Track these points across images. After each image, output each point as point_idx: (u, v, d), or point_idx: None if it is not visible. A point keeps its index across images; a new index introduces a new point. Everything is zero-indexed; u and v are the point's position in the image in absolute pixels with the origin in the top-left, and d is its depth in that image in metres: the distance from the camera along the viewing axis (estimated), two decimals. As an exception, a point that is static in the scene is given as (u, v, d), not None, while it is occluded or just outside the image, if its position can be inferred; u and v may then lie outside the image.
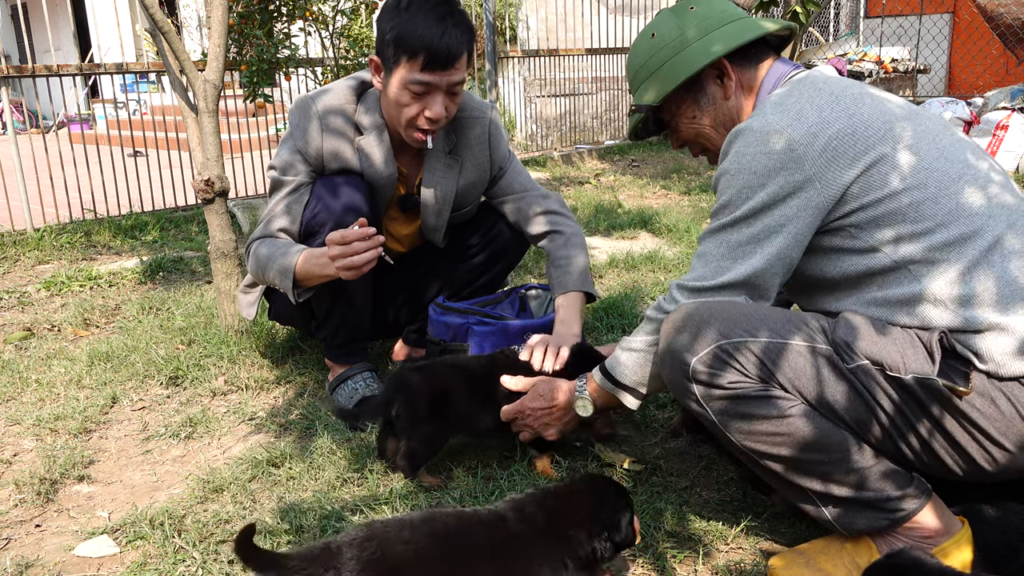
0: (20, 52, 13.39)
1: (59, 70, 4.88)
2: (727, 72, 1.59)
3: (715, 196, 1.53)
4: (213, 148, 2.67)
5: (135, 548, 1.65)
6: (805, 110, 1.42)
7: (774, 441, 1.39)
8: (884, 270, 1.40)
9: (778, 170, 1.40)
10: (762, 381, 1.38)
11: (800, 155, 1.39)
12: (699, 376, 1.40)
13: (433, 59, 1.96)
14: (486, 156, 2.34)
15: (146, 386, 2.50)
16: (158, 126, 7.99)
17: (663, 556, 1.56)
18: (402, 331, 2.57)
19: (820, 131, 1.39)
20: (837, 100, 1.43)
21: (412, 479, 1.82)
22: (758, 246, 1.44)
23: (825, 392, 1.36)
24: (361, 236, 1.87)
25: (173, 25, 2.66)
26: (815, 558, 1.45)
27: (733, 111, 1.62)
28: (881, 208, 1.38)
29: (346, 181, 2.17)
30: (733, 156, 1.46)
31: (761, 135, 1.42)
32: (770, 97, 1.52)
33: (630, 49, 1.73)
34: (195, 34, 10.61)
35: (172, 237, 4.78)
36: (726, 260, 1.47)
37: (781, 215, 1.42)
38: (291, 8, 4.66)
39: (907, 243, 1.37)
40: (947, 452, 1.34)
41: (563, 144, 8.52)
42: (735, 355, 1.38)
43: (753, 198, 1.43)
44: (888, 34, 9.00)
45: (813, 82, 1.49)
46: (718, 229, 1.49)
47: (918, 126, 1.44)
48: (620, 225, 4.61)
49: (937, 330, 1.34)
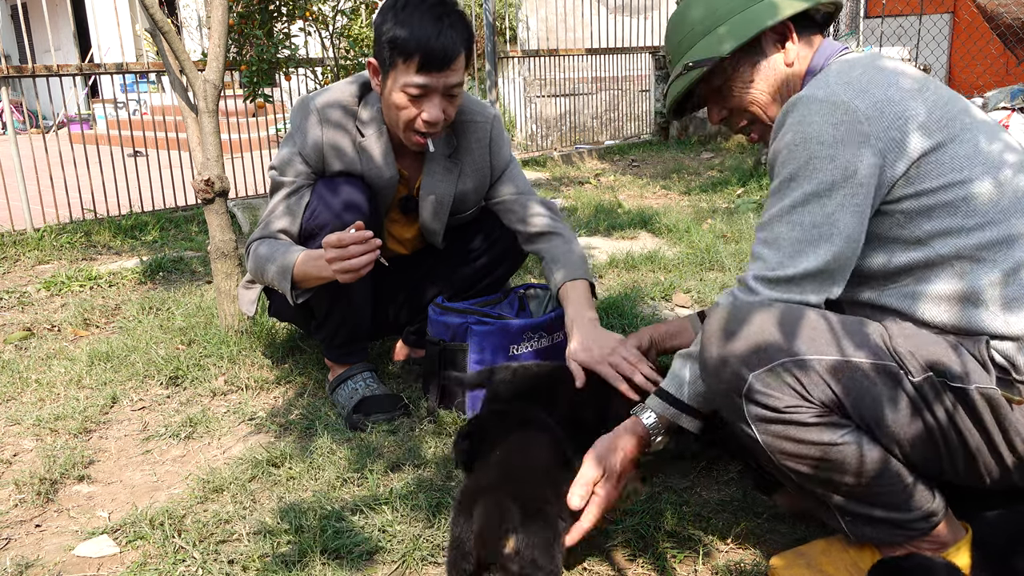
0: (20, 52, 13.39)
1: (59, 70, 4.88)
2: (791, 35, 1.51)
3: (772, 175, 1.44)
4: (213, 148, 2.67)
5: (135, 548, 1.65)
6: (869, 86, 1.35)
7: (817, 466, 1.32)
8: (928, 263, 1.35)
9: (847, 141, 1.32)
10: (823, 405, 1.29)
11: (867, 129, 1.32)
12: (755, 396, 1.30)
13: (429, 61, 1.94)
14: (486, 161, 2.32)
15: (146, 386, 2.50)
16: (158, 126, 7.99)
17: (663, 556, 1.56)
18: (402, 331, 2.57)
19: (886, 108, 1.33)
20: (900, 81, 1.37)
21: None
22: (834, 227, 1.34)
23: (886, 415, 1.28)
24: (358, 239, 1.86)
25: (173, 25, 2.66)
26: (816, 559, 1.45)
27: (792, 79, 1.53)
28: (934, 198, 1.33)
29: (347, 182, 2.16)
30: (795, 125, 1.36)
31: (827, 104, 1.33)
32: (829, 68, 1.44)
33: (680, 6, 1.61)
34: (195, 34, 10.61)
35: (172, 237, 4.78)
36: (803, 244, 1.36)
37: (853, 190, 1.33)
38: (291, 8, 4.66)
39: (955, 237, 1.32)
40: (984, 462, 1.30)
41: (563, 144, 8.52)
42: (799, 375, 1.28)
43: (823, 169, 1.33)
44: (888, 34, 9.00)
45: (872, 60, 1.43)
46: (789, 209, 1.38)
47: (975, 119, 1.39)
48: (620, 225, 4.61)
49: (983, 339, 1.29)
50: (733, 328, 1.33)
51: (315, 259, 1.97)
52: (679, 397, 1.51)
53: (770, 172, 1.45)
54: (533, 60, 8.19)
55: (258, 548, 1.60)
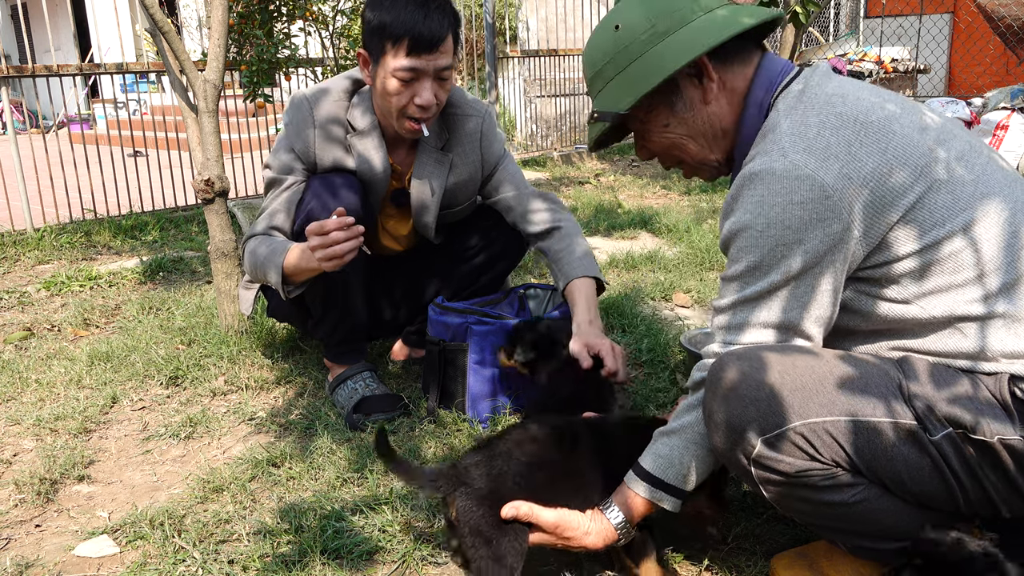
0: (20, 52, 13.38)
1: (59, 70, 4.88)
2: (707, 72, 1.35)
3: (727, 252, 1.32)
4: (213, 148, 2.67)
5: (135, 548, 1.65)
6: (832, 146, 1.22)
7: (827, 518, 1.29)
8: (923, 324, 1.26)
9: (816, 222, 1.20)
10: (835, 465, 1.22)
11: (836, 203, 1.20)
12: (764, 461, 1.24)
13: (417, 43, 1.96)
14: (478, 154, 2.33)
15: (146, 386, 2.50)
16: (158, 126, 7.98)
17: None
18: (401, 331, 2.57)
19: (853, 173, 1.20)
20: (865, 130, 1.23)
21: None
22: (806, 309, 1.26)
23: (903, 474, 1.22)
24: (339, 225, 1.85)
25: (173, 25, 2.66)
26: (818, 561, 1.44)
27: (714, 118, 1.39)
28: (921, 259, 1.22)
29: (339, 178, 2.17)
30: (755, 207, 1.24)
31: (788, 181, 1.21)
32: (781, 124, 1.28)
33: (588, 43, 1.46)
34: (195, 34, 10.61)
35: (172, 237, 4.78)
36: (777, 331, 1.28)
37: (822, 270, 1.23)
38: (291, 8, 4.65)
39: (945, 294, 1.23)
40: (1004, 501, 1.24)
41: (563, 144, 8.51)
42: (809, 438, 1.21)
43: (792, 256, 1.23)
44: (888, 34, 9.00)
45: (829, 103, 1.27)
46: (755, 297, 1.28)
47: (950, 151, 1.26)
48: (620, 225, 4.61)
49: (1004, 376, 1.20)
50: (741, 388, 1.24)
51: (303, 251, 1.98)
52: (663, 479, 1.38)
53: (724, 249, 1.33)
54: (533, 60, 8.19)
55: (258, 548, 1.60)
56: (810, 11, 3.43)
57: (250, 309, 2.42)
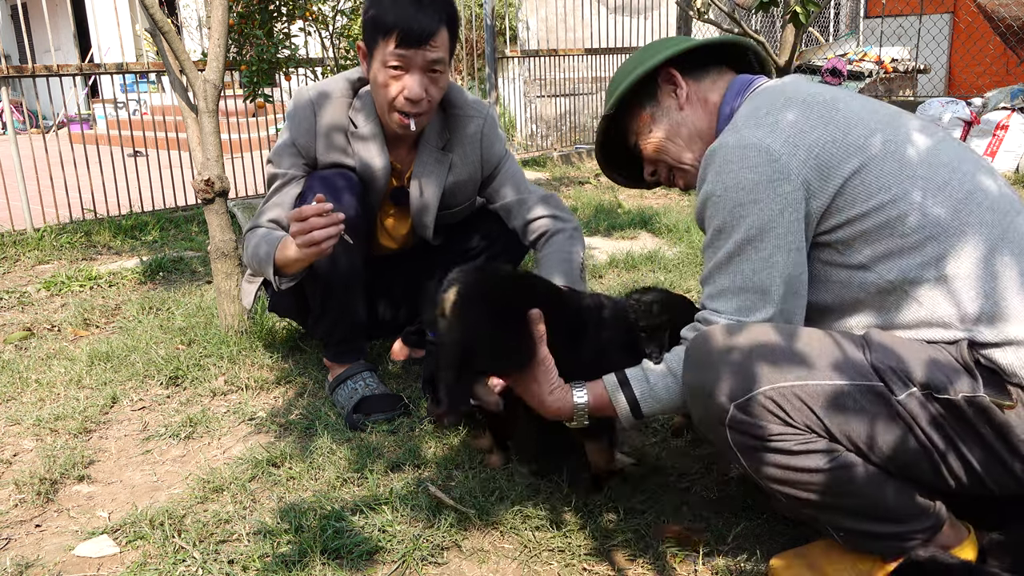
0: (20, 52, 13.39)
1: (59, 70, 4.88)
2: (677, 82, 1.59)
3: (704, 228, 1.44)
4: (213, 148, 2.67)
5: (135, 548, 1.65)
6: (779, 120, 1.37)
7: (808, 488, 1.31)
8: (881, 292, 1.33)
9: (767, 183, 1.33)
10: (809, 431, 1.27)
11: (784, 165, 1.32)
12: (739, 425, 1.29)
13: (407, 35, 1.98)
14: (478, 155, 2.33)
15: (146, 386, 2.50)
16: (158, 126, 7.98)
17: (663, 556, 1.56)
18: (401, 331, 2.57)
19: (799, 140, 1.34)
20: (810, 107, 1.38)
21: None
22: (773, 269, 1.35)
23: (876, 436, 1.26)
24: (317, 211, 1.85)
25: (173, 25, 2.66)
26: (817, 560, 1.44)
27: (689, 122, 1.58)
28: (869, 222, 1.31)
29: (339, 175, 2.18)
30: (714, 176, 1.38)
31: (739, 149, 1.36)
32: (739, 112, 1.47)
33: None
34: (195, 34, 10.61)
35: (172, 237, 4.78)
36: (749, 293, 1.37)
37: (784, 228, 1.33)
38: (291, 8, 4.65)
39: (900, 258, 1.31)
40: (987, 471, 1.27)
41: (563, 144, 8.51)
42: (779, 402, 1.26)
43: (749, 215, 1.34)
44: (888, 34, 9.00)
45: (780, 90, 1.44)
46: (725, 259, 1.39)
47: (898, 131, 1.37)
48: (620, 225, 4.61)
49: (964, 342, 1.27)
50: (715, 357, 1.31)
51: (288, 240, 1.99)
52: (633, 386, 1.48)
53: (699, 225, 1.47)
54: (533, 60, 8.19)
55: (258, 548, 1.60)
56: (810, 11, 3.43)
57: (250, 303, 2.46)
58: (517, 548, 1.61)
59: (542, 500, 1.76)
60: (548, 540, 1.62)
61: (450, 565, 1.58)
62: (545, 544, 1.61)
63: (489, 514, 1.70)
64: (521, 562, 1.57)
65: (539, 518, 1.69)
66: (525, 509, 1.72)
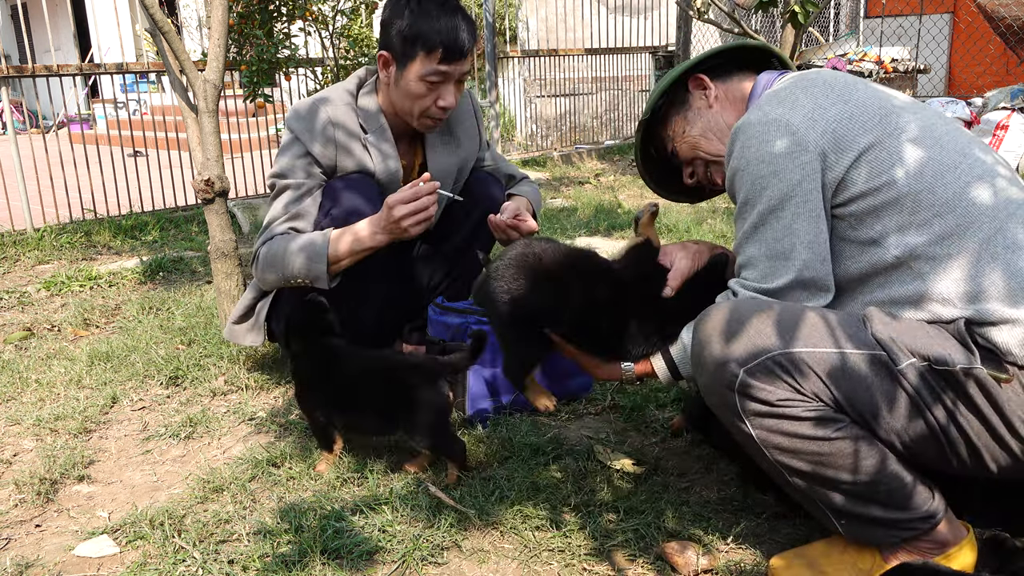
0: (20, 52, 13.39)
1: (59, 70, 4.88)
2: (706, 84, 1.70)
3: (734, 201, 1.52)
4: (213, 148, 2.67)
5: (135, 548, 1.65)
6: (800, 99, 1.44)
7: (812, 460, 1.32)
8: (887, 268, 1.37)
9: (786, 154, 1.40)
10: (817, 399, 1.30)
11: (803, 138, 1.40)
12: (747, 390, 1.31)
13: (451, 52, 2.10)
14: (475, 126, 2.49)
15: (146, 386, 2.50)
16: (158, 126, 7.98)
17: (663, 556, 1.56)
18: (400, 331, 2.57)
19: (818, 116, 1.41)
20: (830, 87, 1.46)
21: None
22: (795, 236, 1.41)
23: (880, 406, 1.29)
24: (430, 190, 2.01)
25: (173, 25, 2.66)
26: (817, 560, 1.45)
27: (720, 118, 1.69)
28: (880, 197, 1.36)
29: (359, 180, 2.22)
30: (739, 152, 1.47)
31: (761, 125, 1.44)
32: (763, 95, 1.56)
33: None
34: (195, 34, 10.61)
35: (172, 237, 4.78)
36: (773, 260, 1.43)
37: (803, 196, 1.40)
38: (291, 8, 4.66)
39: (907, 234, 1.35)
40: (987, 450, 1.29)
41: (563, 144, 8.52)
42: (790, 369, 1.30)
43: (770, 186, 1.42)
44: (888, 34, 9.00)
45: (804, 76, 1.53)
46: (751, 230, 1.47)
47: (915, 115, 1.43)
48: (620, 225, 4.61)
49: (960, 320, 1.30)
50: (724, 327, 1.36)
51: (360, 230, 2.06)
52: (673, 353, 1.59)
53: (731, 198, 1.55)
54: (533, 60, 8.19)
55: (258, 548, 1.60)
56: (809, 11, 3.43)
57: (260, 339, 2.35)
58: (517, 548, 1.61)
59: (542, 500, 1.76)
60: (548, 540, 1.62)
61: (450, 565, 1.58)
62: (545, 544, 1.61)
63: (489, 514, 1.70)
64: (521, 562, 1.57)
65: (539, 518, 1.69)
66: (525, 509, 1.72)
